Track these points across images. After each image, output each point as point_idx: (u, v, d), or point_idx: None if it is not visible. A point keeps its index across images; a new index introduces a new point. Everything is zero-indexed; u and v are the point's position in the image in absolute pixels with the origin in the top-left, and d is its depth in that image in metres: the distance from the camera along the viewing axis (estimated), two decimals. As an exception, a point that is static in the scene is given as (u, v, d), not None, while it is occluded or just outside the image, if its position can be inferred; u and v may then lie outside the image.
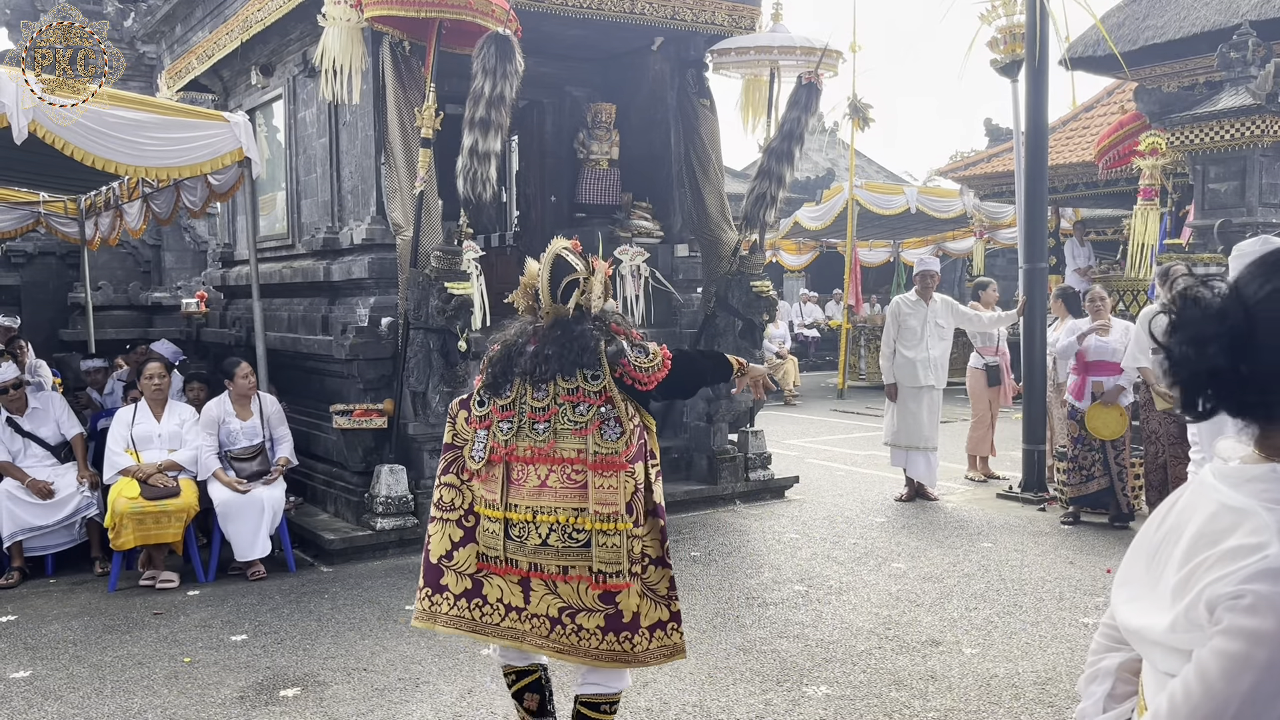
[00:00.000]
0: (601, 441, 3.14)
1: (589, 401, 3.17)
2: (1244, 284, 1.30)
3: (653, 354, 3.25)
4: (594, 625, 3.14)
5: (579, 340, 3.19)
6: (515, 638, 3.25)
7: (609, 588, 3.13)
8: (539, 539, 3.15)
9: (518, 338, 3.32)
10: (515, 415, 3.23)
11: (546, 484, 3.16)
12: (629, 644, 3.15)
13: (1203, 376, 1.30)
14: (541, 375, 3.20)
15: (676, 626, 3.23)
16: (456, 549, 3.31)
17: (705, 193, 8.78)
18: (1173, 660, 1.28)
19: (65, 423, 6.83)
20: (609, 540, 3.10)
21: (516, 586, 3.23)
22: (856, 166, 17.27)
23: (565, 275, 3.25)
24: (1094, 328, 7.42)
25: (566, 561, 3.13)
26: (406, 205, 7.10)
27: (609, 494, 3.11)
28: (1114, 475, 7.37)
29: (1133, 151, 10.79)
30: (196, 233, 13.35)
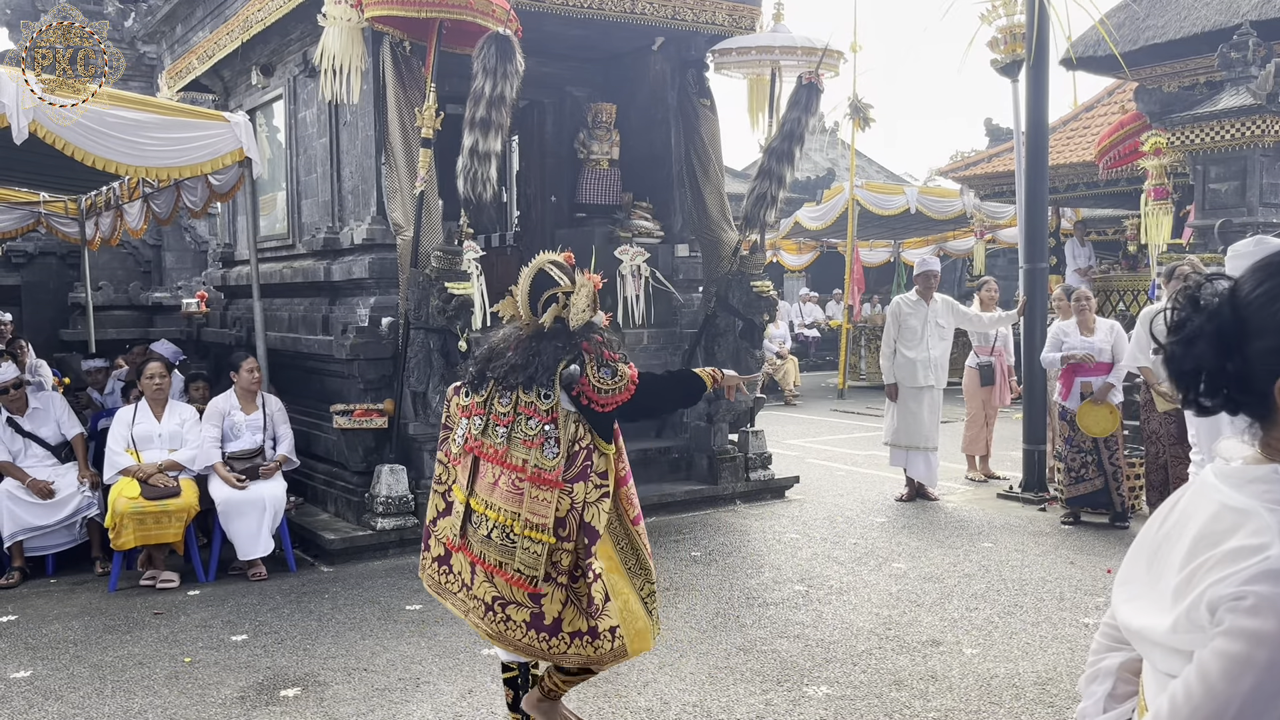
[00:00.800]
0: (541, 457, 3.28)
1: (538, 418, 3.31)
2: (1240, 284, 1.31)
3: (619, 375, 3.32)
4: (520, 619, 3.31)
5: (542, 357, 3.32)
6: (463, 611, 3.46)
7: (536, 589, 3.28)
8: (485, 532, 3.35)
9: (502, 342, 3.48)
10: (485, 414, 3.42)
11: (498, 484, 3.34)
12: (546, 644, 3.32)
13: (1191, 374, 1.33)
14: (508, 383, 3.37)
15: (593, 640, 3.32)
16: (440, 518, 3.57)
17: (705, 193, 8.78)
18: (1173, 661, 1.28)
19: (65, 423, 6.83)
20: (531, 546, 3.25)
21: (469, 566, 3.43)
22: (857, 166, 17.27)
23: (546, 289, 3.37)
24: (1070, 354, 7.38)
25: (501, 557, 3.31)
26: (407, 205, 7.10)
27: (541, 506, 3.26)
28: (1108, 475, 7.36)
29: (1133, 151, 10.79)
30: (197, 233, 13.35)
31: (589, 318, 3.36)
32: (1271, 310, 1.26)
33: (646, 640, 3.53)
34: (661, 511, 8.02)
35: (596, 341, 3.37)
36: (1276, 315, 1.26)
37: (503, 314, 3.54)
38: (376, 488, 6.94)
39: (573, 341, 3.34)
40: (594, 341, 3.36)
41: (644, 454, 8.57)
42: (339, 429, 7.09)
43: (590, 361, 3.30)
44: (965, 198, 16.93)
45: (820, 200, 19.60)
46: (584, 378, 3.27)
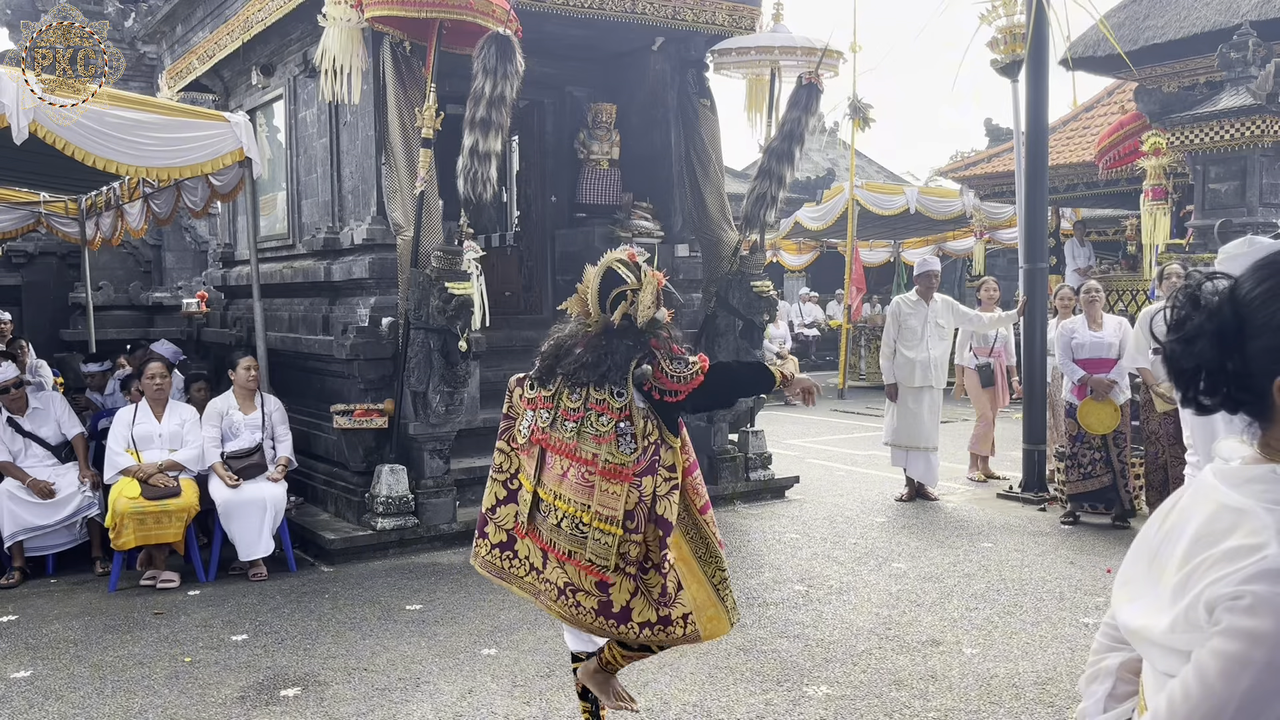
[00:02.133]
0: (615, 452, 3.34)
1: (610, 415, 3.37)
2: (1241, 283, 1.32)
3: (690, 364, 3.39)
4: (589, 605, 3.38)
5: (614, 355, 3.39)
6: (533, 593, 3.53)
7: (604, 577, 3.35)
8: (555, 521, 3.42)
9: (569, 338, 3.53)
10: (553, 408, 3.48)
11: (567, 476, 3.41)
12: (616, 630, 3.39)
13: (1191, 373, 1.33)
14: (579, 380, 3.42)
15: (664, 628, 3.40)
16: (500, 505, 3.65)
17: (705, 193, 8.78)
18: (1172, 660, 1.28)
19: (66, 423, 6.83)
20: (602, 538, 3.32)
21: (539, 551, 3.51)
22: (857, 167, 17.27)
23: (614, 287, 3.43)
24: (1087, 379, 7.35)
25: (571, 547, 3.39)
26: (407, 205, 7.11)
27: (611, 499, 3.33)
28: (1116, 472, 7.37)
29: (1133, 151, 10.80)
30: (197, 233, 13.35)
31: (654, 314, 3.44)
32: (1272, 309, 1.26)
33: (722, 625, 3.60)
34: (661, 511, 8.01)
35: (664, 338, 3.46)
36: (1277, 314, 1.26)
37: (570, 311, 3.59)
38: (377, 488, 6.94)
39: (642, 339, 3.42)
40: (661, 338, 3.46)
41: (644, 454, 8.56)
42: (339, 429, 7.09)
43: (661, 356, 3.39)
44: (965, 198, 16.93)
45: (820, 200, 19.59)
46: (658, 372, 3.35)
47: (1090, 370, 7.32)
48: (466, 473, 7.61)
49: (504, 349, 8.80)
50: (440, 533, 7.04)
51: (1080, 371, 7.34)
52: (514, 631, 5.28)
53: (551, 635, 5.21)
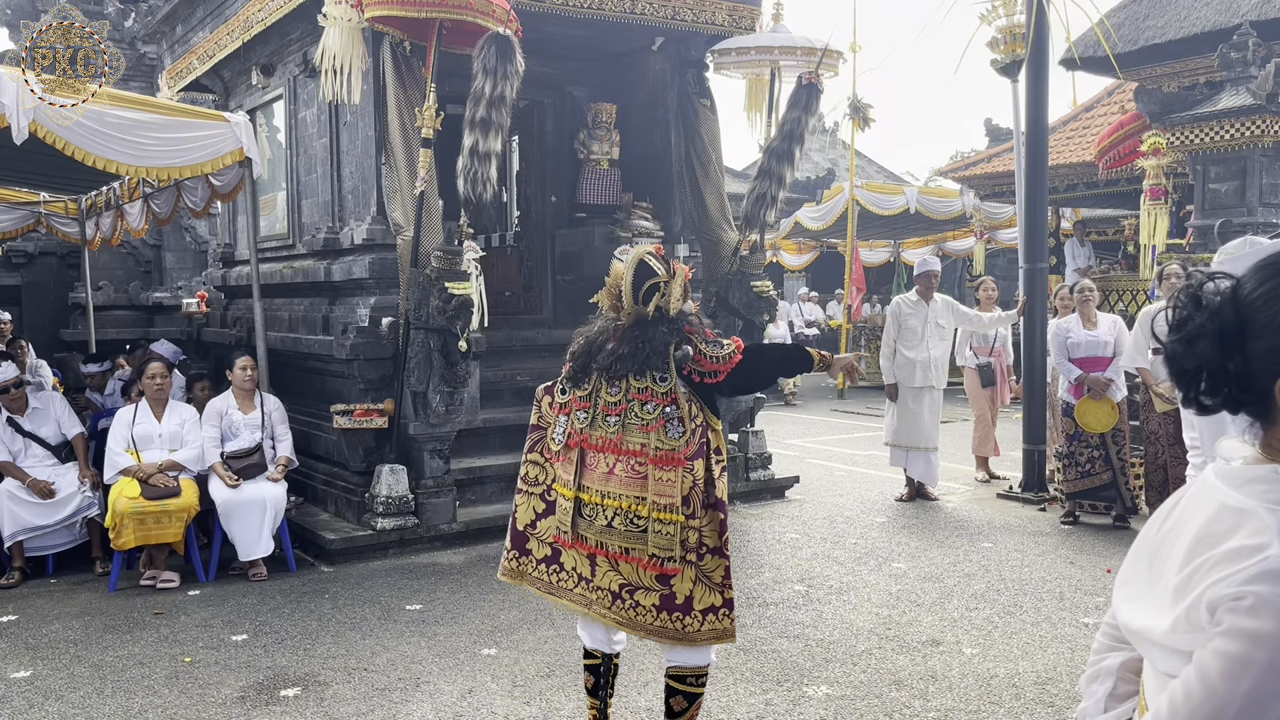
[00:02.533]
0: (664, 439, 3.38)
1: (655, 401, 3.41)
2: (1243, 283, 1.31)
3: (725, 345, 3.49)
4: (650, 603, 3.39)
5: (652, 343, 3.43)
6: (584, 604, 3.53)
7: (664, 571, 3.37)
8: (605, 521, 3.43)
9: (599, 335, 3.57)
10: (591, 406, 3.50)
11: (614, 472, 3.43)
12: (680, 623, 3.38)
13: (1193, 373, 1.33)
14: (616, 372, 3.46)
15: (728, 612, 3.43)
16: (540, 519, 3.66)
17: (705, 193, 8.78)
18: (1173, 661, 1.28)
19: (66, 423, 6.83)
20: (663, 528, 3.34)
21: (585, 559, 3.51)
22: (857, 167, 17.27)
23: (647, 279, 3.48)
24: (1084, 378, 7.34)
25: (627, 543, 3.40)
26: (407, 205, 7.11)
27: (667, 486, 3.35)
28: (1116, 470, 7.37)
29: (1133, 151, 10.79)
30: (197, 233, 13.35)
31: (682, 305, 3.53)
32: (1273, 310, 1.26)
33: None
34: (661, 511, 8.01)
35: (696, 324, 3.55)
36: (1279, 315, 1.26)
37: (601, 304, 3.63)
38: (377, 488, 6.94)
39: (675, 326, 3.48)
40: (694, 324, 3.54)
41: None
42: (339, 429, 7.09)
43: (697, 340, 3.47)
44: (965, 198, 16.93)
45: (820, 200, 19.59)
46: (696, 354, 3.43)
47: (1086, 369, 7.32)
48: (466, 473, 7.62)
49: (504, 349, 8.80)
50: (440, 533, 7.04)
51: (1076, 371, 7.35)
52: (514, 631, 5.28)
53: (551, 635, 5.21)
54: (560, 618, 5.48)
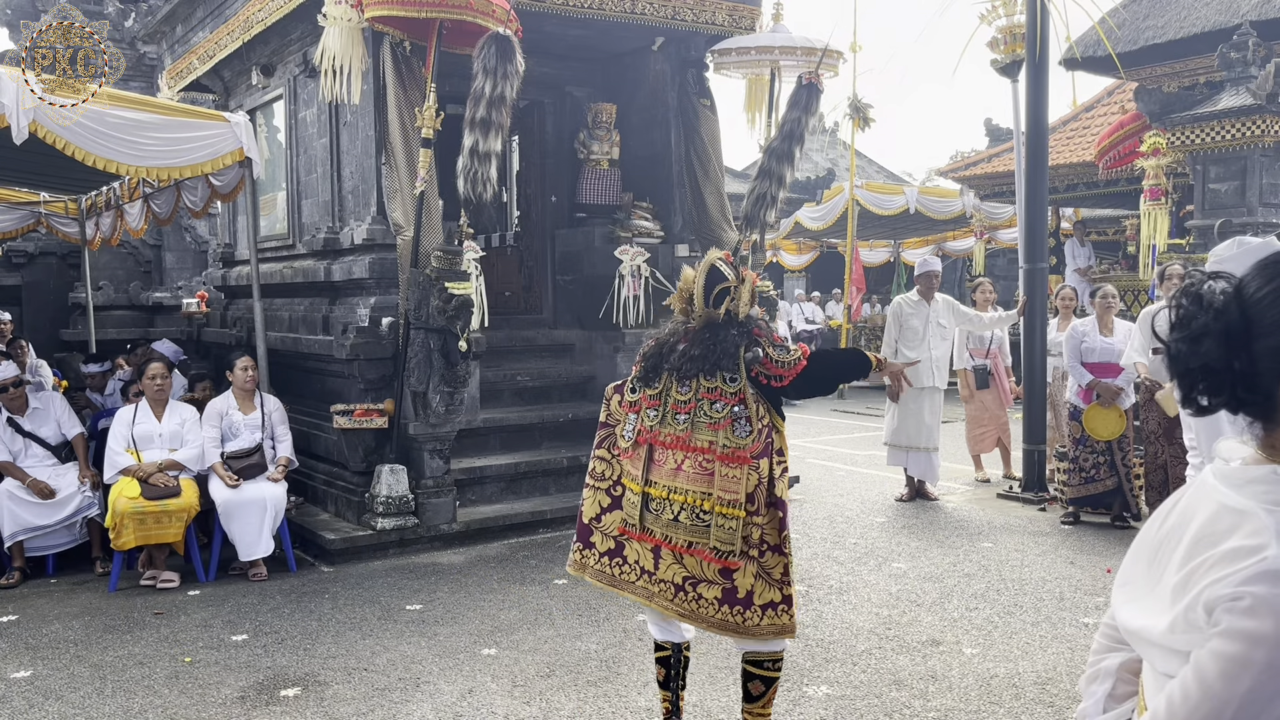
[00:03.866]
0: (731, 437, 3.49)
1: (725, 400, 3.52)
2: (1246, 283, 1.31)
3: (792, 351, 3.60)
4: (712, 596, 3.49)
5: (723, 344, 3.56)
6: (647, 597, 3.62)
7: (726, 565, 3.47)
8: (671, 515, 3.53)
9: (670, 336, 3.70)
10: (661, 405, 3.62)
11: (681, 468, 3.54)
12: (740, 617, 3.48)
13: (1197, 372, 1.32)
14: (687, 372, 3.58)
15: (787, 609, 3.53)
16: (604, 514, 3.76)
17: (705, 193, 8.78)
18: (1172, 661, 1.28)
19: (66, 423, 6.83)
20: (726, 523, 3.45)
21: (649, 552, 3.61)
22: (857, 167, 17.27)
23: (717, 284, 3.61)
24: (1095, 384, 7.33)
25: (692, 537, 3.50)
26: (407, 205, 7.11)
27: (732, 483, 3.46)
28: (1121, 476, 7.35)
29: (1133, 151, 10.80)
30: (197, 233, 13.35)
31: (750, 309, 3.65)
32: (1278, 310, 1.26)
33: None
34: (661, 511, 8.01)
35: (764, 327, 3.67)
36: None
37: (674, 306, 3.75)
38: (377, 488, 6.94)
39: (745, 329, 3.60)
40: (762, 327, 3.66)
41: (644, 454, 8.56)
42: (339, 429, 7.09)
43: (765, 344, 3.57)
44: (965, 198, 16.93)
45: (820, 200, 19.59)
46: (765, 358, 3.54)
47: (1098, 375, 7.31)
48: (466, 473, 7.62)
49: (504, 349, 8.80)
50: (440, 533, 7.05)
51: (1089, 376, 7.33)
52: (514, 631, 5.29)
53: (551, 635, 5.22)
54: (560, 617, 5.49)
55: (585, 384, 9.20)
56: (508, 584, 6.19)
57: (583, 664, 4.81)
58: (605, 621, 5.42)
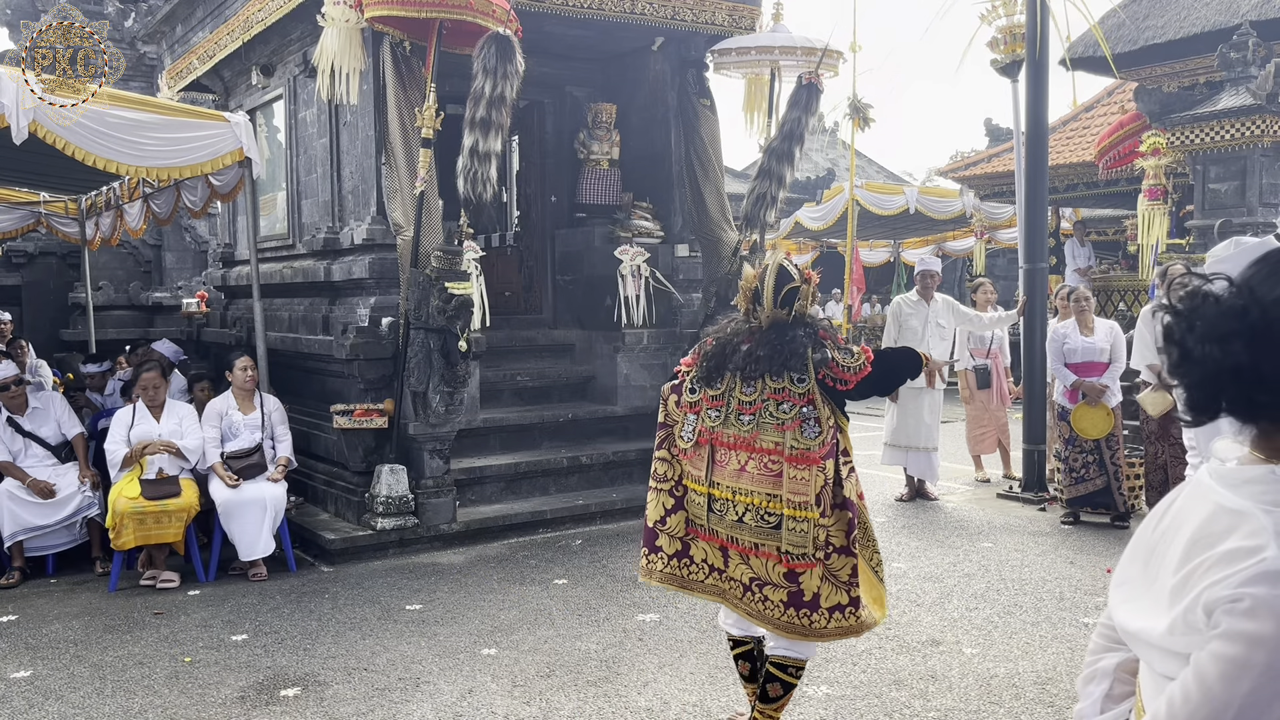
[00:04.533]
0: (800, 438, 3.46)
1: (792, 401, 3.50)
2: (1257, 282, 1.28)
3: (856, 354, 3.58)
4: (778, 599, 3.47)
5: (790, 345, 3.54)
6: (718, 594, 3.62)
7: (793, 567, 3.44)
8: (736, 516, 3.52)
9: (733, 336, 3.68)
10: (724, 405, 3.59)
11: (745, 469, 3.51)
12: (808, 620, 3.45)
13: (1226, 374, 1.27)
14: (752, 373, 3.55)
15: (854, 610, 3.51)
16: (669, 515, 3.73)
17: (705, 193, 8.77)
18: (1170, 663, 1.28)
19: (66, 423, 6.83)
20: (797, 526, 3.42)
21: (718, 551, 3.61)
22: (857, 167, 17.27)
23: (786, 284, 3.61)
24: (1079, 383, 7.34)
25: (758, 539, 3.48)
26: (407, 205, 7.10)
27: (801, 485, 3.44)
28: (1110, 475, 7.36)
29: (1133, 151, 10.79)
30: (197, 233, 13.36)
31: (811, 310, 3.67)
32: None
33: (883, 607, 3.73)
34: (661, 511, 8.01)
35: (829, 329, 3.68)
36: None
37: (740, 306, 3.73)
38: (376, 488, 6.94)
39: (810, 330, 3.60)
40: (827, 329, 3.67)
41: (644, 454, 8.53)
42: (339, 429, 7.09)
43: (830, 346, 3.57)
44: (965, 198, 16.93)
45: (820, 200, 19.59)
46: (831, 361, 3.53)
47: (1082, 375, 7.33)
48: (466, 473, 7.62)
49: (504, 349, 8.80)
50: (440, 533, 7.05)
51: (1072, 376, 7.36)
52: (514, 631, 5.29)
53: (551, 635, 5.22)
54: (560, 617, 5.49)
55: (585, 384, 9.20)
56: (508, 584, 6.19)
57: (583, 664, 4.81)
58: (605, 621, 5.42)
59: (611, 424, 8.80)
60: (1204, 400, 1.31)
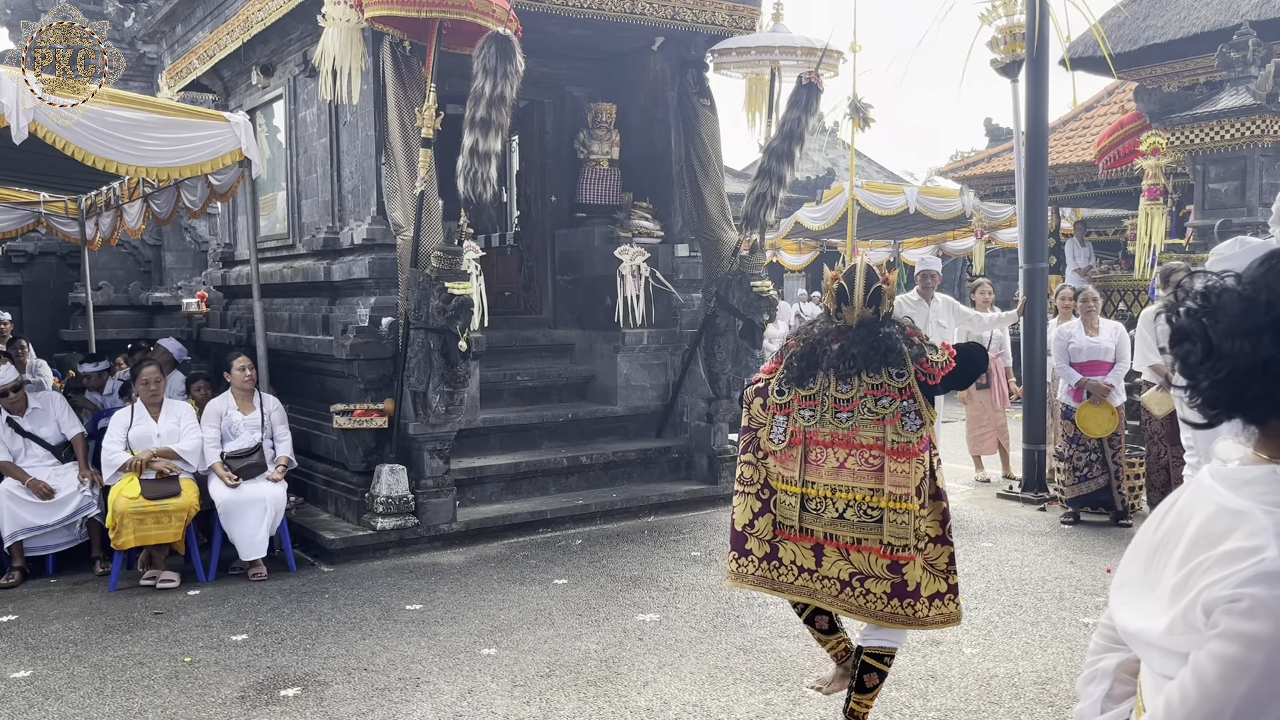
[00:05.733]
0: (901, 431, 3.56)
1: (891, 395, 3.59)
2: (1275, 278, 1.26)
3: (940, 351, 3.70)
4: (881, 591, 3.54)
5: (886, 341, 3.62)
6: (809, 595, 3.71)
7: (897, 559, 3.52)
8: (836, 513, 3.59)
9: (822, 336, 3.75)
10: (818, 404, 3.67)
11: (845, 465, 3.60)
12: (910, 609, 3.54)
13: (1258, 368, 1.25)
14: (847, 370, 3.63)
15: (954, 597, 3.63)
16: (757, 518, 3.78)
17: (705, 193, 8.77)
18: (1170, 662, 1.28)
19: (65, 423, 6.83)
20: (899, 518, 3.50)
21: (809, 551, 3.67)
22: (857, 167, 17.26)
23: (873, 283, 3.72)
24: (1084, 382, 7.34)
25: (860, 534, 3.56)
26: (407, 205, 7.10)
27: (902, 477, 3.53)
28: (1111, 474, 7.37)
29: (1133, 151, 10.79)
30: (197, 233, 13.36)
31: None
32: None
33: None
34: (661, 511, 8.03)
35: (915, 326, 3.80)
36: None
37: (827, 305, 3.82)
38: (376, 488, 6.94)
39: (900, 327, 3.71)
40: (914, 327, 3.79)
41: (644, 453, 8.58)
42: (339, 429, 7.09)
43: (919, 341, 3.69)
44: (965, 198, 16.92)
45: (820, 200, 19.58)
46: (923, 357, 3.64)
47: (1087, 374, 7.33)
48: (466, 473, 7.62)
49: (504, 349, 8.80)
50: (440, 533, 7.05)
51: (1077, 375, 7.36)
52: (514, 631, 5.29)
53: (551, 635, 5.22)
54: (560, 617, 5.49)
55: (585, 384, 9.20)
56: (508, 584, 6.19)
57: (583, 664, 4.81)
58: (605, 621, 5.42)
59: (611, 424, 8.80)
60: (1226, 397, 1.28)
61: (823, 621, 3.92)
